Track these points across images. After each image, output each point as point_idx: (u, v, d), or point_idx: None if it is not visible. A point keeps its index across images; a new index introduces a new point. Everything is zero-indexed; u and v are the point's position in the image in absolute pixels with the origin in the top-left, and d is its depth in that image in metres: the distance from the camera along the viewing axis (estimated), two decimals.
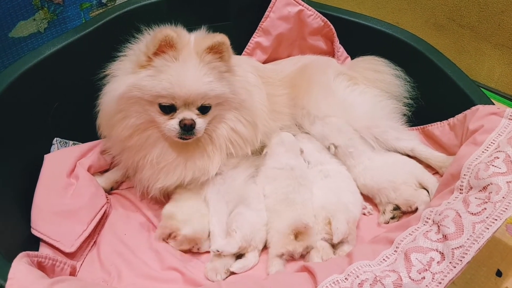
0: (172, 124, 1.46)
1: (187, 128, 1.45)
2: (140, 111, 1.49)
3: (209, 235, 1.54)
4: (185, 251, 1.54)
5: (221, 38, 1.46)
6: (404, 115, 1.85)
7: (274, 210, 1.56)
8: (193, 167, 1.57)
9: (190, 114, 1.46)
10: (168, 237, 1.54)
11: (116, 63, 1.58)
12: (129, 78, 1.46)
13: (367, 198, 1.70)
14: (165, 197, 1.66)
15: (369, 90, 1.87)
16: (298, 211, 1.53)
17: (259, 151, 1.74)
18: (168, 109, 1.46)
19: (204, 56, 1.45)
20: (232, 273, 1.45)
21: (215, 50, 1.46)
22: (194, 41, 1.48)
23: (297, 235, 1.46)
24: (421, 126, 1.84)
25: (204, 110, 1.50)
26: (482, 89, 1.71)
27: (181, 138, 1.48)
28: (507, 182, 1.23)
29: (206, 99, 1.48)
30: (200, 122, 1.48)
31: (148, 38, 1.48)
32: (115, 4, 2.25)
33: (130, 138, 1.52)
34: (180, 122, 1.45)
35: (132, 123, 1.50)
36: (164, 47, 1.41)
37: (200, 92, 1.45)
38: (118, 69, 1.55)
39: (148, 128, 1.52)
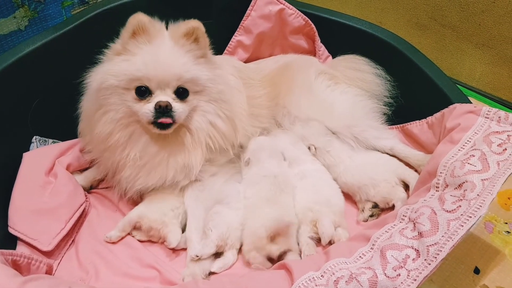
0: (147, 107, 1.44)
1: (162, 110, 1.43)
2: (118, 103, 1.48)
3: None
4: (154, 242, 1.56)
5: (195, 23, 1.49)
6: (384, 114, 1.87)
7: (251, 205, 1.56)
8: (175, 165, 1.56)
9: (165, 97, 1.45)
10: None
11: (94, 69, 1.57)
12: (103, 66, 1.49)
13: (347, 195, 1.70)
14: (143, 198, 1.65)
15: (350, 90, 1.88)
16: (277, 211, 1.52)
17: (238, 158, 1.75)
18: (144, 94, 1.46)
19: (179, 40, 1.48)
20: (212, 273, 1.45)
21: (191, 36, 1.49)
22: (169, 28, 1.51)
23: (274, 237, 1.44)
24: (401, 125, 1.85)
25: (181, 95, 1.49)
26: (463, 88, 1.73)
27: (157, 125, 1.46)
28: (482, 179, 1.24)
29: (182, 82, 1.47)
30: (178, 106, 1.46)
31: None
32: (97, 2, 2.24)
33: (111, 135, 1.51)
34: (155, 104, 1.44)
35: (111, 117, 1.49)
36: (137, 32, 1.44)
37: (174, 72, 1.45)
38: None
39: (130, 124, 1.51)
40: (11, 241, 1.46)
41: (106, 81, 1.45)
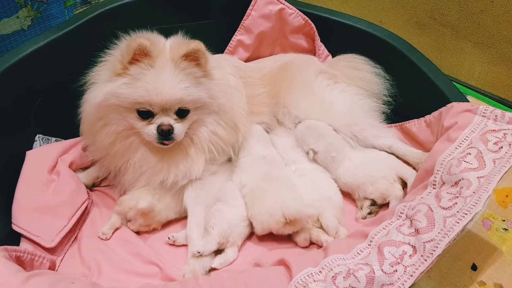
0: (150, 129, 1.47)
1: (164, 133, 1.46)
2: (119, 118, 1.49)
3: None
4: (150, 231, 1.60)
5: (196, 45, 1.45)
6: (383, 112, 1.88)
7: (257, 189, 1.57)
8: (176, 170, 1.58)
9: (167, 120, 1.47)
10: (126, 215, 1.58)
11: (95, 68, 1.58)
12: (106, 86, 1.46)
13: (345, 194, 1.71)
14: None
15: (349, 89, 1.89)
16: (290, 194, 1.55)
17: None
18: (146, 115, 1.47)
19: (180, 62, 1.44)
20: (212, 269, 1.47)
21: (191, 57, 1.46)
22: (169, 48, 1.48)
23: (289, 221, 1.47)
24: (399, 123, 1.86)
25: (182, 114, 1.50)
26: (462, 87, 1.73)
27: (160, 143, 1.49)
28: (478, 177, 1.24)
29: (183, 104, 1.48)
30: (179, 127, 1.48)
31: (123, 46, 1.48)
32: (99, 2, 2.25)
33: (113, 145, 1.54)
34: (158, 127, 1.46)
35: (113, 130, 1.51)
36: (139, 56, 1.41)
37: (176, 98, 1.45)
38: (97, 75, 1.55)
39: (130, 135, 1.53)
40: (14, 238, 1.47)
41: (108, 100, 1.45)
